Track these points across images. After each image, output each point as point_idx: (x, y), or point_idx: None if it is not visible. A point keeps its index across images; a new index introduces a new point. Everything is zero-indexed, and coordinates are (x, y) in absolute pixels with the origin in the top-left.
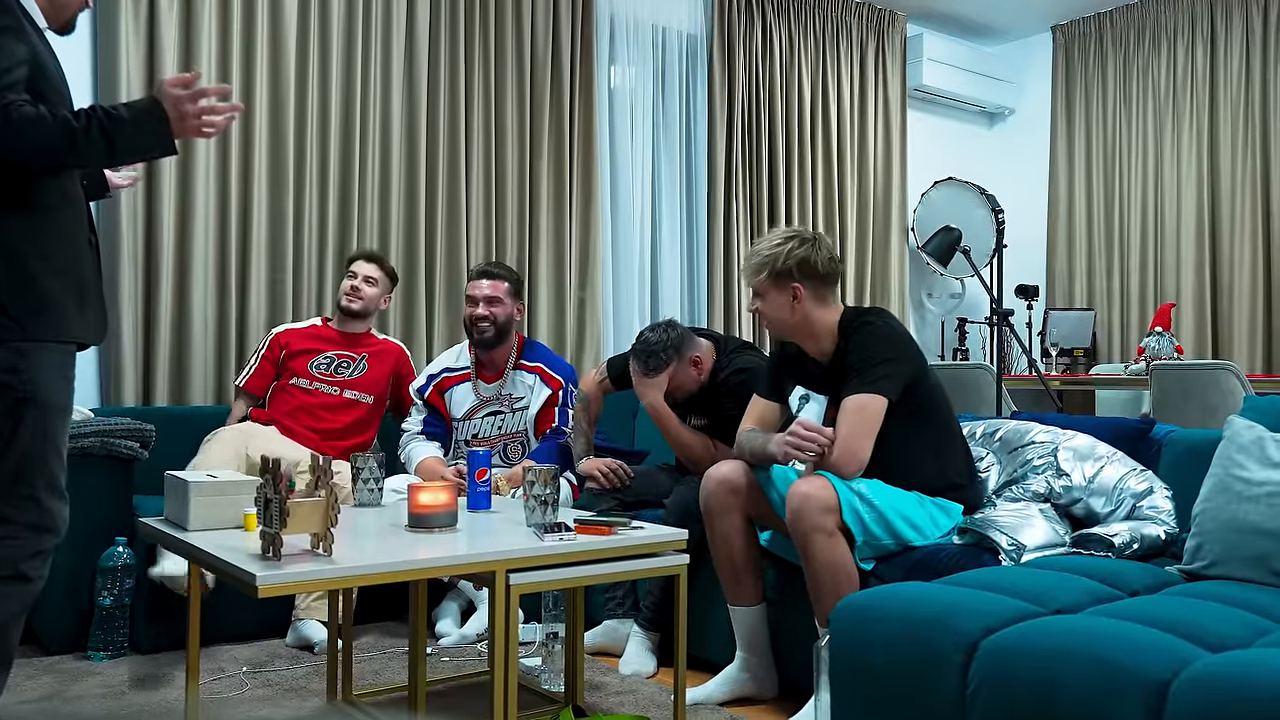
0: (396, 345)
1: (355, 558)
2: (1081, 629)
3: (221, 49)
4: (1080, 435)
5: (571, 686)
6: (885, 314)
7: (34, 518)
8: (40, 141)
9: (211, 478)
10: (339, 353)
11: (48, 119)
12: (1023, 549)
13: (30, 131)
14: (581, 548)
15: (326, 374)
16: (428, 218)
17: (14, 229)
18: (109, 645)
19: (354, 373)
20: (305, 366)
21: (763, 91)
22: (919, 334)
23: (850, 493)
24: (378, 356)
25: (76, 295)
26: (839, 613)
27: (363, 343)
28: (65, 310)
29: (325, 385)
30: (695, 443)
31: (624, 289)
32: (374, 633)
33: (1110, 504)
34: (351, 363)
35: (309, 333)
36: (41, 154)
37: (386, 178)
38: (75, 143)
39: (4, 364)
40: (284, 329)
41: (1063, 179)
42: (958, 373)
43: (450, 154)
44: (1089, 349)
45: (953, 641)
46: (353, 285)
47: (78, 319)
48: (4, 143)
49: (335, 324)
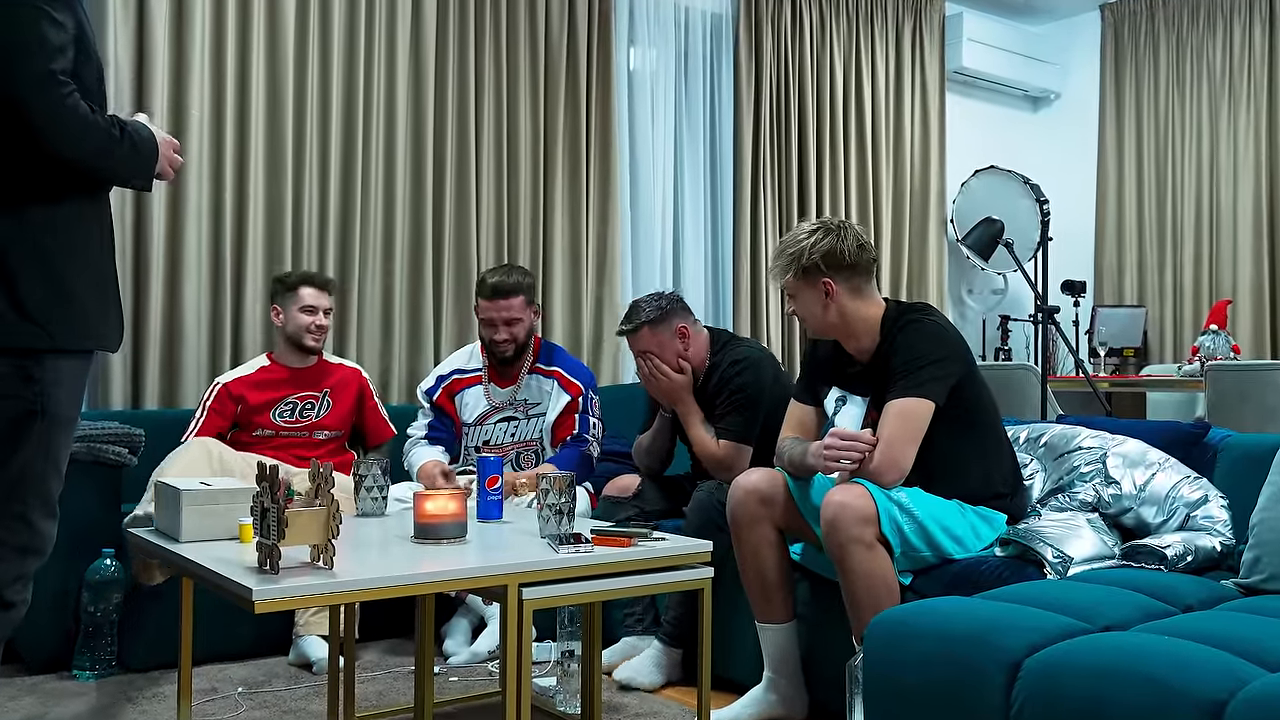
0: (354, 370)
1: (358, 571)
2: (1132, 647)
3: (216, 24)
4: (1130, 440)
5: (588, 708)
6: (932, 310)
7: (23, 540)
8: (91, 146)
9: (205, 485)
10: (300, 395)
11: (99, 124)
12: (1069, 562)
13: (86, 133)
14: (599, 560)
15: (292, 421)
16: (435, 208)
17: (36, 220)
18: (96, 663)
19: (320, 413)
20: (268, 419)
21: (792, 75)
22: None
23: (889, 502)
24: (339, 389)
25: (99, 294)
26: (873, 629)
27: (320, 376)
28: (89, 312)
29: (293, 431)
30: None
31: (645, 287)
32: (378, 651)
33: (1162, 514)
34: (315, 402)
35: (258, 380)
36: (85, 159)
37: (391, 166)
38: (113, 155)
39: (20, 372)
40: (230, 379)
41: (1112, 167)
42: (1000, 374)
43: (459, 140)
44: (1139, 348)
45: (995, 660)
46: (316, 324)
47: (100, 321)
48: (57, 139)
49: (285, 360)
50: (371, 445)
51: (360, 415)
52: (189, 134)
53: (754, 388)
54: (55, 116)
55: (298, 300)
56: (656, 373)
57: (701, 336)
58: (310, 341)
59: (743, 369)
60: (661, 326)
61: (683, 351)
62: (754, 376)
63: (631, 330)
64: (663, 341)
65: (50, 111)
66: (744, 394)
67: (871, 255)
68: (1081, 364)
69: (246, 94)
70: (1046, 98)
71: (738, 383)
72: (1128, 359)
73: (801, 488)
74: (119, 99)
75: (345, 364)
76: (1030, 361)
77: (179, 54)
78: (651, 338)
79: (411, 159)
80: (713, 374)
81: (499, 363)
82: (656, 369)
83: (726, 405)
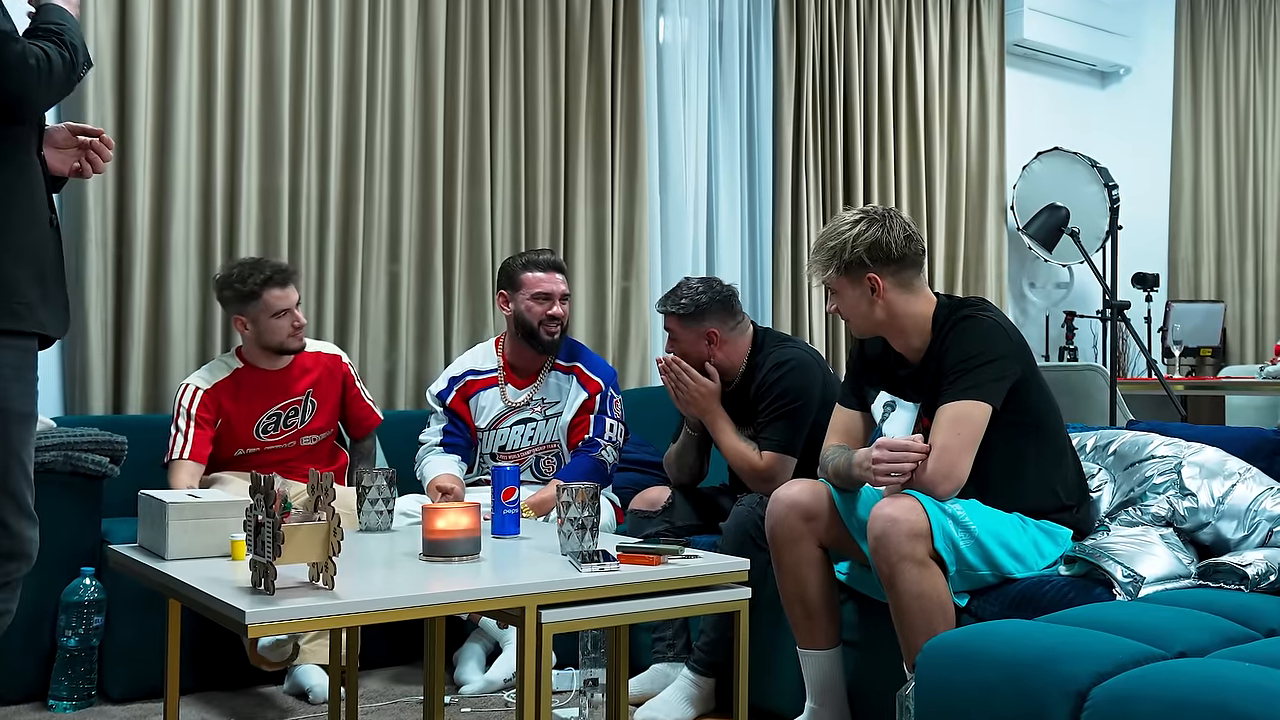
0: (333, 357)
1: (361, 591)
2: (1209, 675)
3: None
4: (1208, 449)
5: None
6: (986, 305)
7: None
8: (61, 84)
9: (193, 497)
10: (282, 404)
11: (57, 57)
12: (1140, 581)
13: (58, 75)
14: (625, 580)
15: (276, 434)
16: (446, 195)
17: None
18: (74, 693)
19: (305, 418)
20: (250, 434)
21: (837, 46)
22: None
23: (943, 515)
24: (322, 386)
25: (37, 281)
26: (927, 655)
27: (300, 374)
28: (25, 298)
29: (279, 445)
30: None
31: (675, 279)
32: (382, 679)
33: (1243, 529)
34: (299, 408)
35: (232, 387)
36: (59, 96)
37: (397, 147)
38: (71, 76)
39: None
40: (207, 386)
41: (1187, 150)
42: (1065, 375)
43: (472, 120)
44: (1218, 348)
45: (1059, 689)
46: (295, 324)
47: (39, 308)
48: (43, 98)
49: (257, 361)
50: (357, 437)
51: (344, 406)
52: (175, 118)
53: (798, 392)
54: (19, 79)
55: (266, 308)
56: (681, 383)
57: (739, 342)
58: (295, 344)
59: (787, 372)
60: (690, 322)
61: (709, 355)
62: (800, 380)
63: (662, 311)
64: (689, 337)
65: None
66: (788, 399)
67: (921, 247)
68: (1154, 365)
69: (239, 66)
70: (1116, 73)
71: (782, 387)
72: (1205, 359)
73: (847, 500)
74: (99, 70)
75: (323, 350)
76: (1098, 362)
77: (164, 23)
78: (680, 329)
79: (420, 140)
80: (753, 376)
81: (545, 351)
82: (680, 379)
83: (770, 412)
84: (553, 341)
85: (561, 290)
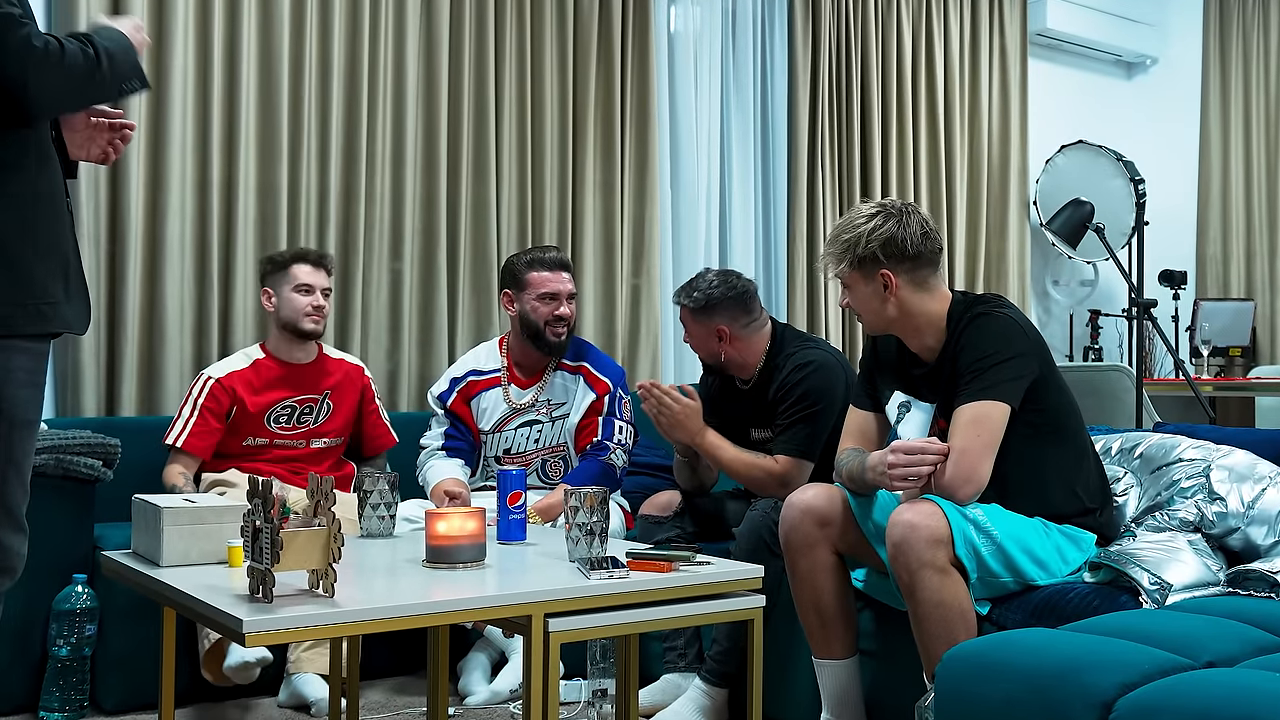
0: (356, 367)
1: (362, 599)
2: (1239, 686)
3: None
4: (1238, 452)
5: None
6: (1003, 301)
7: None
8: (81, 81)
9: (189, 502)
10: (298, 398)
11: (76, 51)
12: (1167, 589)
13: (74, 68)
14: (635, 587)
15: (288, 427)
16: (450, 190)
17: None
18: (66, 704)
19: (320, 418)
20: (262, 424)
21: (854, 36)
22: (1043, 330)
23: (964, 520)
24: (341, 390)
25: (61, 276)
26: (946, 665)
27: (320, 375)
28: (51, 297)
29: (289, 440)
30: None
31: (687, 276)
32: (384, 690)
33: (1273, 534)
34: (314, 406)
35: (251, 376)
36: (80, 96)
37: (400, 142)
38: (96, 76)
39: None
40: (223, 373)
41: (1216, 143)
42: (1090, 376)
43: (477, 112)
44: (1247, 347)
45: (1083, 700)
46: (314, 305)
47: (63, 305)
48: (52, 87)
49: (281, 352)
50: (368, 455)
51: (359, 420)
52: (170, 110)
53: (820, 395)
54: (34, 71)
55: (291, 279)
56: (662, 408)
57: (754, 340)
58: (309, 325)
59: (810, 373)
60: (700, 316)
61: (719, 351)
62: (822, 382)
63: (676, 302)
64: (699, 331)
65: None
66: (810, 402)
67: (938, 245)
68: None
69: (236, 55)
70: (1142, 63)
71: (804, 389)
72: (1234, 359)
73: (864, 505)
74: None
75: (346, 359)
76: (1124, 362)
77: (159, 8)
78: (691, 322)
79: (423, 132)
80: (772, 376)
81: (552, 353)
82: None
83: (791, 415)
84: (559, 343)
85: (568, 290)
